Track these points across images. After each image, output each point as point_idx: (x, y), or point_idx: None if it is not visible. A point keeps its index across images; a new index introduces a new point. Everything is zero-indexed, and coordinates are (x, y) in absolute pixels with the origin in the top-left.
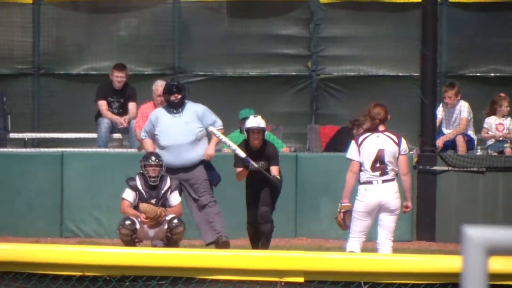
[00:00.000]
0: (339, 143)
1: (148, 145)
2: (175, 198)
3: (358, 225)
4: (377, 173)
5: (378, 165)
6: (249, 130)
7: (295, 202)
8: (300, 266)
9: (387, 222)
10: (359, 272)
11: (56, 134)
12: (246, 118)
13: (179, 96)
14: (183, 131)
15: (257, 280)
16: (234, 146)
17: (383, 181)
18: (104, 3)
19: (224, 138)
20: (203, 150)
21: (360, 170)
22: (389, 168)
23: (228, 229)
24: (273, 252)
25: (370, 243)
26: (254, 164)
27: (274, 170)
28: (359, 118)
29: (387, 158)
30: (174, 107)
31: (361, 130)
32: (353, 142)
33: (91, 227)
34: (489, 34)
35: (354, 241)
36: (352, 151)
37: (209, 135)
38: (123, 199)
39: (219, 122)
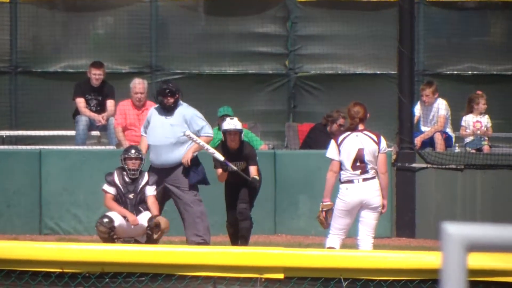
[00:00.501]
0: (313, 140)
1: (144, 142)
2: (150, 190)
3: (339, 222)
4: (358, 172)
5: (358, 164)
6: (225, 132)
7: (274, 199)
8: (280, 263)
9: (368, 219)
10: (339, 268)
11: (34, 132)
12: (224, 115)
13: (171, 100)
14: (166, 132)
15: (237, 276)
16: (212, 150)
17: (364, 180)
18: (81, 2)
19: (201, 142)
20: (183, 153)
21: (341, 169)
22: (369, 166)
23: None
24: (252, 248)
25: (350, 240)
26: (233, 167)
27: (252, 170)
28: (332, 114)
29: (367, 157)
30: (166, 110)
31: (335, 126)
32: (332, 141)
33: (70, 224)
34: (465, 32)
35: (334, 237)
36: (332, 151)
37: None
38: (105, 191)
39: (208, 130)
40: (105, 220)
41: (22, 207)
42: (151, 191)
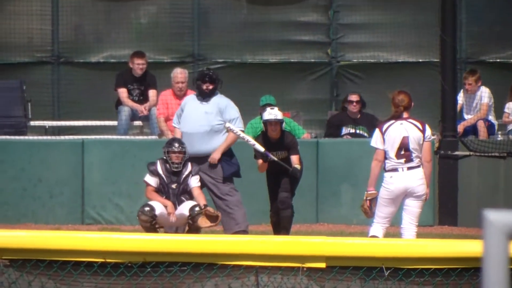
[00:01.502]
0: (335, 126)
1: (177, 134)
2: (194, 181)
3: (383, 211)
4: (402, 160)
5: (403, 152)
6: (266, 122)
7: (316, 188)
8: (322, 252)
9: (412, 207)
10: (381, 257)
11: (76, 122)
12: (266, 104)
13: (210, 86)
14: (201, 120)
15: (279, 265)
16: (253, 141)
17: (409, 168)
18: None
19: (242, 134)
20: (217, 142)
21: (385, 158)
22: (414, 155)
23: (249, 215)
24: (294, 237)
25: (393, 228)
26: (273, 157)
27: (294, 159)
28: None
29: (412, 145)
30: (203, 96)
31: (352, 106)
32: (377, 130)
33: (112, 214)
34: (508, 19)
35: (378, 226)
36: (376, 139)
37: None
38: (146, 183)
39: (239, 123)
40: (146, 208)
41: (64, 197)
42: (195, 182)
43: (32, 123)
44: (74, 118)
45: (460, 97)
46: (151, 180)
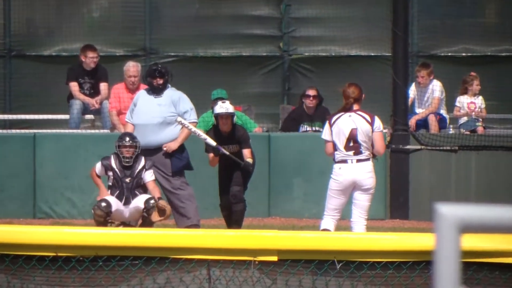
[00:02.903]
0: (292, 121)
1: (129, 128)
2: (148, 175)
3: (333, 203)
4: (351, 153)
5: (351, 144)
6: (217, 116)
7: (268, 181)
8: (274, 245)
9: (361, 201)
10: (332, 250)
11: (28, 116)
12: (218, 98)
13: (160, 81)
14: (153, 112)
15: (231, 259)
16: (204, 135)
17: (358, 161)
18: None
19: (193, 129)
20: (169, 134)
21: (335, 150)
22: (362, 147)
23: (201, 209)
24: (246, 231)
25: (344, 222)
26: (225, 151)
27: (246, 152)
28: (304, 92)
29: (360, 137)
30: (155, 91)
31: (308, 100)
32: (327, 122)
33: (64, 208)
34: (459, 13)
35: (328, 218)
36: (325, 132)
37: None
38: (94, 168)
39: (193, 115)
40: (103, 204)
41: (16, 191)
42: (149, 176)
43: None
44: (25, 112)
45: (412, 91)
46: (99, 169)
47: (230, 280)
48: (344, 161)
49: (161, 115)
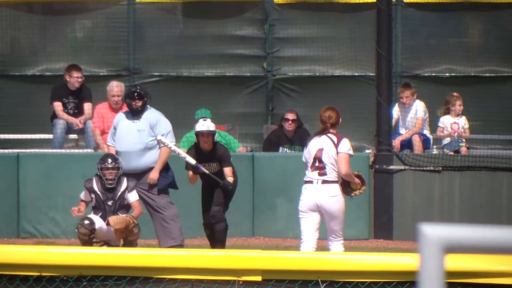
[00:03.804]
0: (271, 142)
1: (112, 151)
2: (132, 196)
3: (304, 225)
4: (316, 173)
5: (317, 164)
6: (198, 134)
7: (252, 201)
8: (258, 265)
9: (332, 226)
10: (316, 270)
11: (11, 135)
12: (202, 118)
13: (139, 103)
14: (134, 138)
15: (215, 279)
16: (184, 154)
17: (323, 182)
18: (58, 5)
19: (173, 147)
20: (153, 158)
21: (306, 170)
22: (328, 168)
23: (185, 229)
24: (230, 251)
25: (326, 242)
26: (204, 170)
27: (227, 171)
28: (284, 114)
29: (325, 158)
30: (134, 113)
31: (287, 124)
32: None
33: (47, 227)
34: (443, 34)
35: (306, 243)
36: (303, 154)
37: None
38: (81, 200)
39: (170, 137)
40: (86, 222)
41: (0, 210)
42: (134, 197)
43: None
44: (9, 132)
45: (395, 111)
46: (85, 197)
47: None
48: (310, 182)
49: (141, 141)
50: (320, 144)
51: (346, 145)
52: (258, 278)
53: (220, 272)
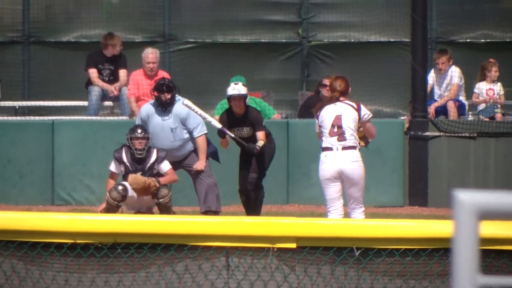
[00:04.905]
0: (307, 108)
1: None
2: (164, 166)
3: (328, 193)
4: (335, 138)
5: (336, 130)
6: (230, 98)
7: (286, 168)
8: (292, 232)
9: (352, 193)
10: (351, 237)
11: (46, 102)
12: None
13: (168, 96)
14: (170, 137)
15: (250, 246)
16: (209, 118)
17: (343, 148)
18: None
19: (199, 111)
20: (191, 144)
21: (322, 138)
22: (347, 133)
23: (220, 196)
24: (265, 218)
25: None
26: (230, 134)
27: (259, 135)
28: (321, 80)
29: (345, 123)
30: (163, 106)
31: (324, 89)
32: (315, 118)
33: (82, 195)
34: None
35: (332, 212)
36: (316, 125)
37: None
38: (110, 172)
39: (202, 129)
40: (120, 187)
41: (35, 178)
42: (166, 166)
43: (2, 103)
44: (44, 99)
45: (431, 77)
46: (115, 169)
47: (249, 268)
48: (329, 149)
49: (178, 138)
50: (338, 111)
51: (366, 110)
52: (293, 245)
53: (254, 239)
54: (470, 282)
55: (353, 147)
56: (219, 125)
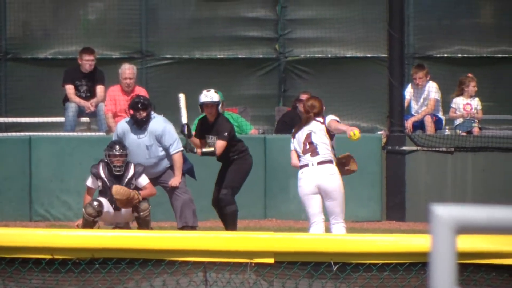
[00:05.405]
0: (284, 124)
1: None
2: (143, 180)
3: (309, 208)
4: (309, 155)
5: (308, 147)
6: (202, 105)
7: (264, 183)
8: (270, 247)
9: (332, 208)
10: (329, 252)
11: (23, 119)
12: None
13: (143, 114)
14: (146, 154)
15: (227, 261)
16: (183, 113)
17: (319, 163)
18: None
19: (182, 109)
20: (166, 162)
21: (299, 158)
22: (320, 148)
23: (197, 211)
24: (243, 233)
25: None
26: (187, 132)
27: (217, 144)
28: (299, 95)
29: (316, 139)
30: (138, 124)
31: (301, 105)
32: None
33: (60, 210)
34: (456, 14)
35: (314, 225)
36: (291, 144)
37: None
38: (88, 186)
39: (178, 146)
40: (95, 203)
41: (12, 194)
42: (144, 180)
43: None
44: (21, 115)
45: (408, 92)
46: (92, 184)
47: (227, 283)
48: (305, 165)
49: (153, 155)
50: (308, 129)
51: (330, 117)
52: (271, 260)
53: (232, 254)
54: None
55: (329, 161)
56: (184, 121)
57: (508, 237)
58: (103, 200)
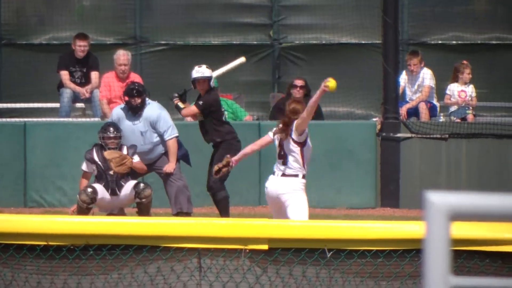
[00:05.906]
0: (280, 110)
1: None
2: (135, 158)
3: (273, 213)
4: (280, 161)
5: (282, 153)
6: (194, 81)
7: (258, 170)
8: (264, 234)
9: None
10: (323, 239)
11: (18, 104)
12: None
13: (138, 100)
14: (140, 140)
15: (222, 247)
16: (221, 69)
17: (283, 175)
18: None
19: (226, 67)
20: (161, 148)
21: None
22: (289, 159)
23: (192, 197)
24: (237, 220)
25: (334, 210)
26: (174, 99)
27: (190, 106)
28: (292, 81)
29: (287, 148)
30: (133, 110)
31: (295, 90)
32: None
33: (55, 196)
34: (450, 1)
35: None
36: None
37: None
38: (83, 171)
39: (173, 132)
40: (89, 190)
41: (6, 180)
42: (136, 159)
43: None
44: (16, 101)
45: (402, 79)
46: (87, 168)
47: (221, 269)
48: (273, 172)
49: (148, 141)
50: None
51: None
52: (265, 247)
53: (226, 240)
54: (442, 283)
55: (294, 175)
56: (175, 95)
57: (502, 224)
58: (98, 187)
